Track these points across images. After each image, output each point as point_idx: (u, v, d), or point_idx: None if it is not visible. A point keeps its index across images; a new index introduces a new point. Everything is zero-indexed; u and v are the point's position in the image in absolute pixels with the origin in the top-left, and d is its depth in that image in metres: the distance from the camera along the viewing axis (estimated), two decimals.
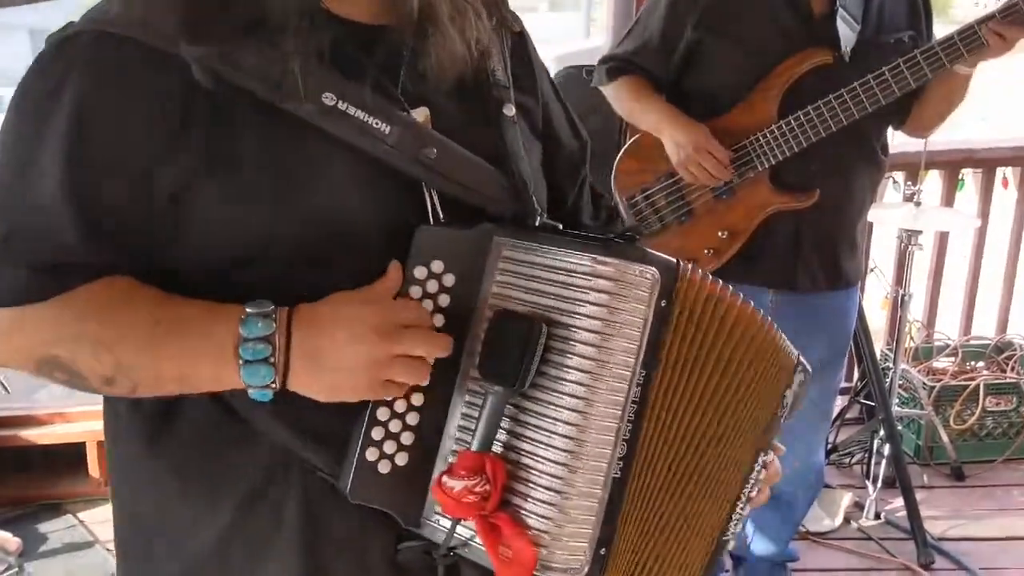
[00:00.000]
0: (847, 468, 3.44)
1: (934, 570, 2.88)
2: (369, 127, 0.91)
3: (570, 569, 0.91)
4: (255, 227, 0.91)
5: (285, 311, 0.89)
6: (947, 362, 3.58)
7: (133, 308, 0.91)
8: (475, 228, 0.97)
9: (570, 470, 0.90)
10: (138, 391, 0.93)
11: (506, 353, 0.90)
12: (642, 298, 0.92)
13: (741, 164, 2.23)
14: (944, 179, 3.61)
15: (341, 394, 0.91)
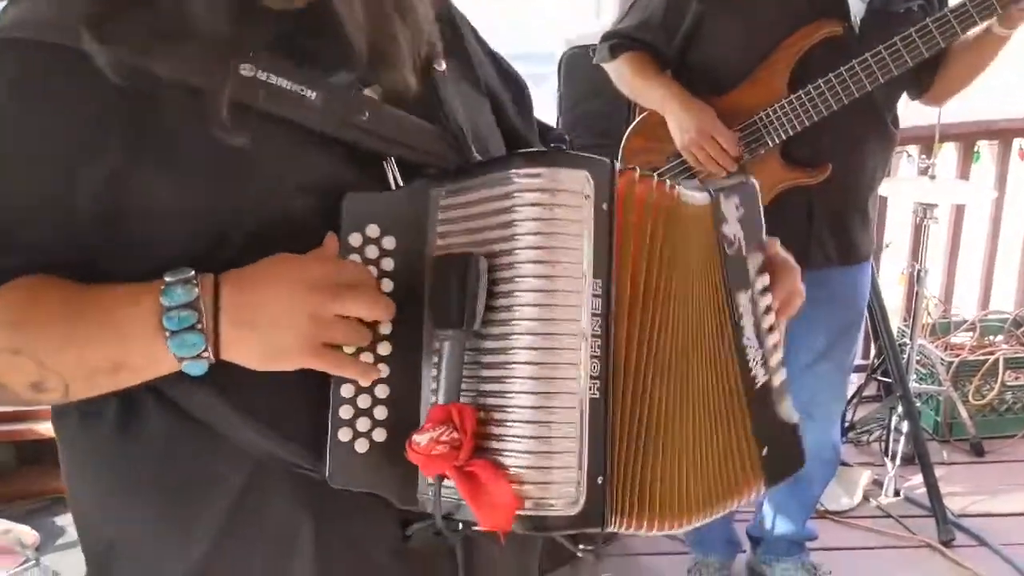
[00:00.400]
0: (865, 446, 3.41)
1: (954, 547, 2.85)
2: (292, 94, 0.86)
3: (566, 503, 0.85)
4: (202, 213, 0.86)
5: (210, 276, 0.84)
6: (965, 337, 3.54)
7: (47, 304, 0.85)
8: (407, 186, 0.92)
9: (541, 399, 0.85)
10: (72, 392, 0.86)
11: (446, 294, 0.86)
12: (579, 203, 0.86)
13: (751, 141, 2.19)
14: (959, 151, 3.57)
15: (278, 358, 0.85)
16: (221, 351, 0.84)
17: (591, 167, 0.87)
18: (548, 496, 0.85)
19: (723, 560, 2.66)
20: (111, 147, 0.84)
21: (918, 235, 3.21)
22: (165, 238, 0.87)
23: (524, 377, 0.85)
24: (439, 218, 0.91)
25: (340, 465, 0.89)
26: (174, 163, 0.85)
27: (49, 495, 3.22)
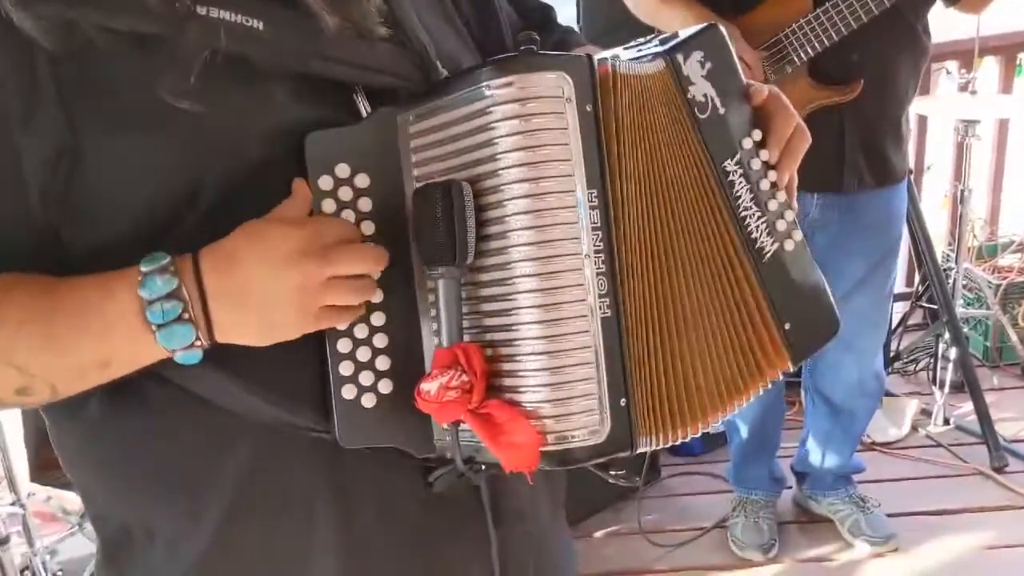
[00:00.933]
0: (912, 375, 3.34)
1: (1008, 473, 2.79)
2: (237, 27, 0.77)
3: (590, 432, 0.80)
4: (161, 176, 0.79)
5: (188, 259, 0.77)
6: (1013, 259, 3.44)
7: (19, 308, 0.78)
8: (371, 116, 0.84)
9: (550, 326, 0.79)
10: (61, 392, 0.81)
11: (432, 228, 0.79)
12: (559, 108, 0.79)
13: (778, 60, 2.11)
14: (1001, 65, 3.43)
15: (278, 333, 0.79)
16: (217, 335, 0.79)
17: (567, 67, 0.80)
18: (571, 427, 0.79)
19: (768, 497, 2.62)
20: (52, 117, 0.76)
21: (960, 154, 3.10)
22: (125, 206, 0.80)
23: (529, 306, 0.79)
24: (411, 146, 0.84)
25: (349, 424, 0.83)
26: (123, 127, 0.77)
27: None
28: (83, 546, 2.60)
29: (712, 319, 0.91)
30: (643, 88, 0.87)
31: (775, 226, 0.95)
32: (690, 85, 0.91)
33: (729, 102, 0.93)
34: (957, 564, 2.47)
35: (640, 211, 0.86)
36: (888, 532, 2.53)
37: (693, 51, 0.92)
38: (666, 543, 2.59)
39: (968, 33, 2.96)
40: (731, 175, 0.93)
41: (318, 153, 0.82)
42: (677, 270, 0.89)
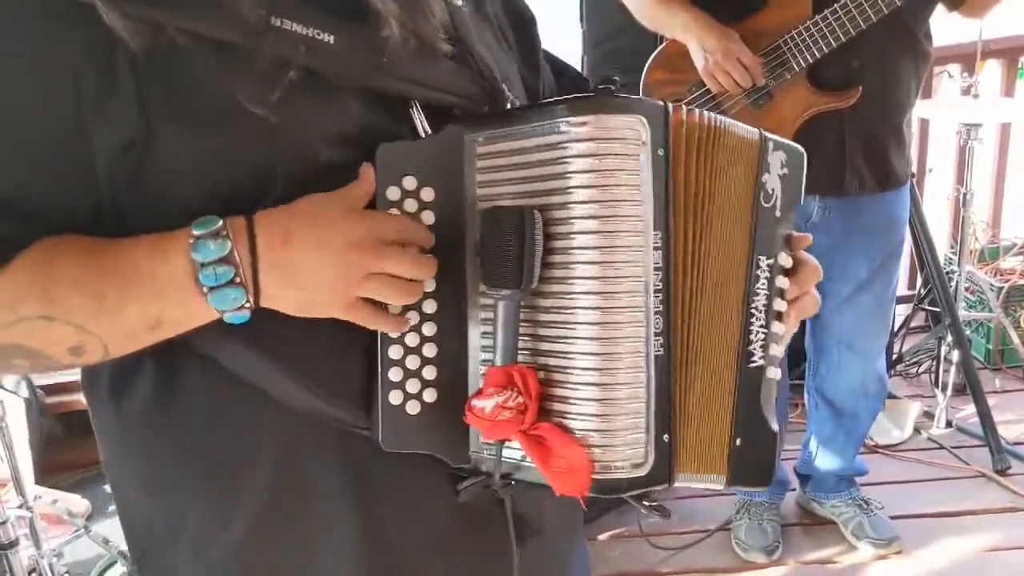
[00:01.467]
0: (915, 378, 3.35)
1: (1010, 475, 2.79)
2: (310, 40, 0.80)
3: (634, 464, 0.82)
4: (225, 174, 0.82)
5: (241, 224, 0.79)
6: (1015, 261, 3.44)
7: (76, 267, 0.80)
8: (440, 133, 0.87)
9: (604, 359, 0.81)
10: (112, 352, 0.83)
11: (502, 252, 0.81)
12: (634, 150, 0.81)
13: (776, 66, 2.11)
14: (1003, 68, 3.43)
15: (313, 310, 0.82)
16: (261, 301, 0.81)
17: (644, 111, 0.82)
18: (615, 459, 0.81)
19: (772, 499, 2.63)
20: (127, 109, 0.79)
21: (963, 157, 3.10)
22: (192, 197, 0.82)
23: (587, 338, 0.81)
24: (477, 166, 0.87)
25: (393, 428, 0.86)
26: (196, 122, 0.80)
27: (98, 464, 3.26)
28: (89, 548, 2.60)
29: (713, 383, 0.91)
30: (723, 141, 0.89)
31: (768, 347, 0.95)
32: (766, 172, 0.93)
33: (784, 213, 0.95)
34: (960, 566, 2.47)
35: (686, 258, 0.87)
36: (891, 534, 2.53)
37: (780, 149, 0.94)
38: (670, 546, 2.60)
39: (970, 36, 2.97)
40: (760, 271, 0.93)
41: (388, 163, 0.85)
42: (707, 321, 0.90)
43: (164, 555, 0.95)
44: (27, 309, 0.79)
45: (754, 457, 0.94)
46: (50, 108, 0.79)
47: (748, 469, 0.94)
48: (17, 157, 0.80)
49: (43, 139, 0.80)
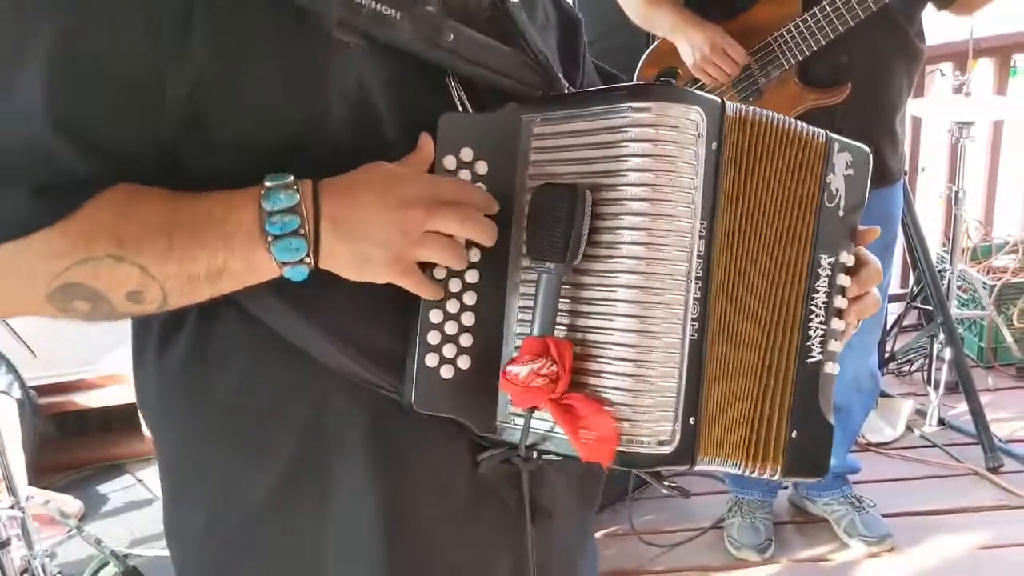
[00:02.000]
0: (907, 376, 3.35)
1: (1003, 473, 2.80)
2: (381, 14, 0.85)
3: (660, 441, 0.85)
4: (274, 120, 0.86)
5: (309, 181, 0.83)
6: (1008, 260, 3.45)
7: (146, 211, 0.83)
8: (501, 109, 0.91)
9: (641, 336, 0.84)
10: (169, 301, 0.85)
11: (551, 226, 0.84)
12: (689, 142, 0.84)
13: (766, 63, 2.12)
14: (995, 67, 3.44)
15: (368, 271, 0.85)
16: (320, 258, 0.83)
17: (703, 104, 0.85)
18: (642, 433, 0.84)
19: (764, 497, 2.63)
20: (197, 55, 0.82)
21: (955, 156, 3.11)
22: (245, 142, 0.86)
23: (626, 315, 0.84)
24: (532, 145, 0.90)
25: (426, 390, 0.89)
26: (257, 70, 0.84)
27: (91, 465, 3.26)
28: (81, 549, 2.61)
29: (756, 381, 0.94)
30: (786, 140, 0.92)
31: (827, 343, 0.97)
32: (831, 173, 0.96)
33: (848, 213, 0.97)
34: (952, 564, 2.48)
35: (732, 250, 0.89)
36: (884, 532, 2.54)
37: (846, 150, 0.97)
38: (663, 543, 2.60)
39: (962, 35, 2.97)
40: (821, 269, 0.96)
41: (448, 133, 0.89)
42: (745, 318, 0.92)
43: (190, 506, 0.99)
44: (98, 247, 0.81)
45: (809, 449, 0.97)
46: (135, 52, 0.81)
47: (803, 461, 0.97)
48: (103, 98, 0.82)
49: (126, 82, 0.82)
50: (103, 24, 0.81)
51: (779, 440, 0.95)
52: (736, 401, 0.92)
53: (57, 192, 0.81)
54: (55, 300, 0.83)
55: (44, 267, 0.81)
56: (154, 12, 0.81)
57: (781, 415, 0.95)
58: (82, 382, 3.40)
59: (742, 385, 0.93)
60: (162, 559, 2.70)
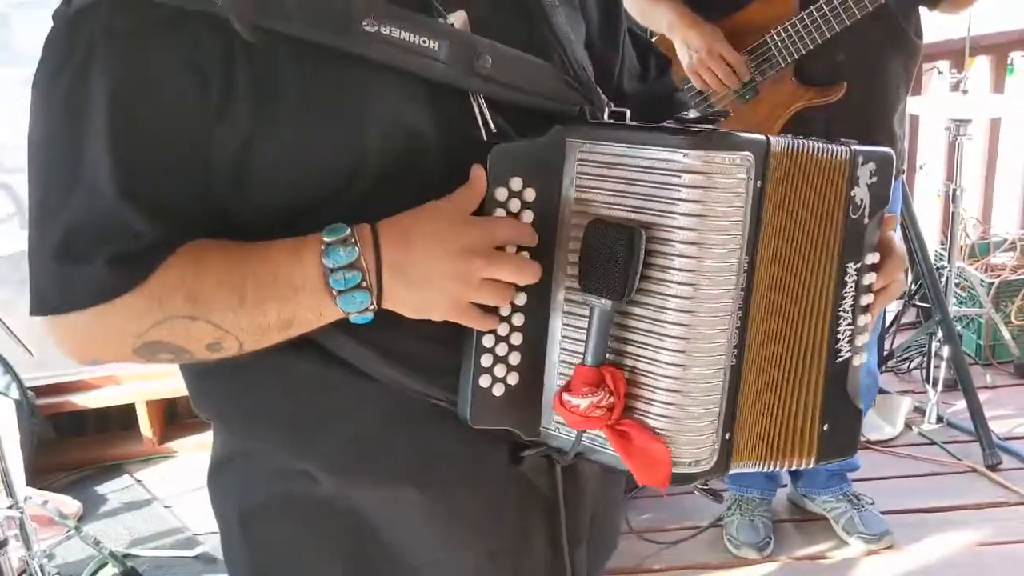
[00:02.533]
0: (906, 374, 3.35)
1: (1001, 470, 2.80)
2: (416, 47, 0.88)
3: (698, 462, 0.92)
4: (318, 170, 0.90)
5: (367, 229, 0.87)
6: (1006, 257, 3.45)
7: (216, 274, 0.88)
8: (546, 135, 0.94)
9: (686, 369, 0.89)
10: (246, 348, 0.91)
11: (608, 265, 0.88)
12: (738, 186, 0.89)
13: (762, 62, 2.12)
14: (992, 65, 3.44)
15: (428, 312, 0.90)
16: (383, 302, 0.88)
17: (751, 147, 0.89)
18: (684, 454, 0.91)
19: (763, 495, 2.63)
20: (242, 110, 0.86)
21: (952, 153, 3.11)
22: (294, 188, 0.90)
23: (673, 349, 0.89)
24: (577, 171, 0.93)
25: (480, 408, 0.95)
26: (298, 117, 0.88)
27: (90, 466, 3.26)
28: (80, 549, 2.60)
29: (785, 387, 1.00)
30: (811, 164, 0.95)
31: (855, 339, 1.03)
32: (856, 187, 1.00)
33: (872, 218, 1.02)
34: (951, 561, 2.48)
35: (776, 274, 0.95)
36: (883, 529, 2.54)
37: (870, 160, 1.01)
38: (662, 541, 2.60)
39: (960, 32, 2.97)
40: (847, 276, 1.01)
41: (499, 164, 0.92)
42: (778, 335, 0.97)
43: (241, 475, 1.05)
44: (173, 309, 0.87)
45: (840, 436, 1.04)
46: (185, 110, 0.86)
47: (834, 447, 1.04)
48: (160, 160, 0.87)
49: (179, 141, 0.87)
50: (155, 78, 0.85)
51: (812, 434, 1.01)
52: (767, 408, 0.98)
53: (131, 260, 0.87)
54: (141, 354, 0.90)
55: (127, 329, 0.89)
56: (199, 63, 0.84)
57: (814, 413, 1.01)
58: (80, 383, 3.39)
59: (773, 392, 0.98)
60: (160, 559, 2.71)
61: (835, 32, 2.03)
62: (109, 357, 0.94)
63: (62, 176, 0.87)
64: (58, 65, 0.86)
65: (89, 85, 0.84)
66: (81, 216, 0.86)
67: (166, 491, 3.11)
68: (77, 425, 3.45)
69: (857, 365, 1.04)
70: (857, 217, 1.00)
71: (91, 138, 0.85)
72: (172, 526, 2.90)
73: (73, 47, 0.85)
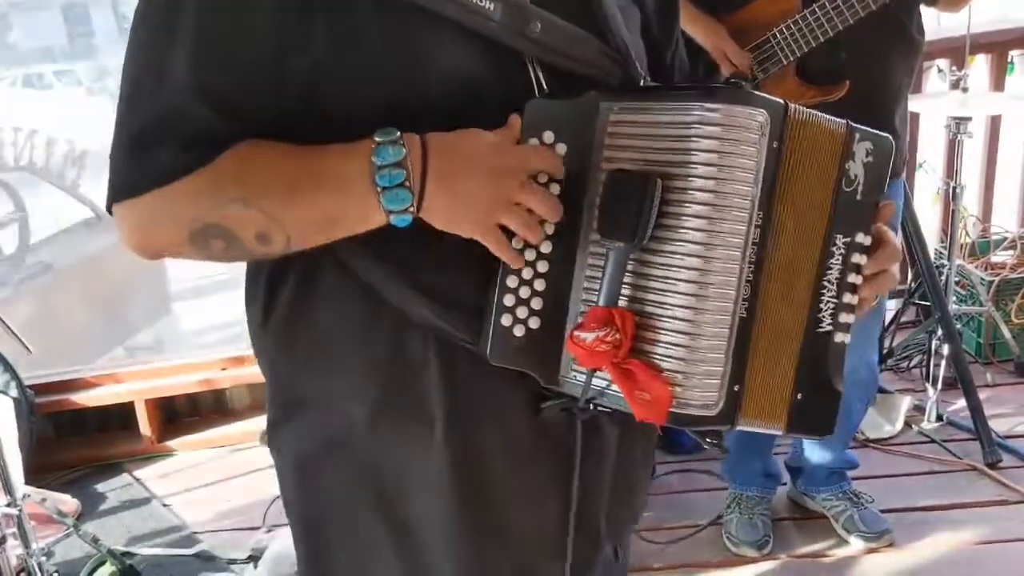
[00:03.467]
0: (905, 372, 3.35)
1: (1001, 468, 2.79)
2: (474, 5, 0.95)
3: (706, 405, 0.95)
4: (379, 104, 0.96)
5: (417, 137, 0.93)
6: (1006, 256, 3.45)
7: (272, 164, 0.96)
8: (582, 96, 0.99)
9: (696, 313, 0.93)
10: (293, 244, 0.97)
11: (623, 209, 0.93)
12: (753, 141, 0.93)
13: (764, 59, 2.11)
14: (992, 63, 3.44)
15: (458, 224, 0.96)
16: (422, 207, 0.94)
17: (768, 107, 0.93)
18: (692, 397, 0.95)
19: (763, 493, 2.63)
20: (318, 36, 0.94)
21: (952, 151, 3.10)
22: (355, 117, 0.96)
23: (684, 293, 0.94)
24: (608, 131, 0.99)
25: (499, 345, 1.01)
26: (366, 54, 0.96)
27: (88, 464, 3.26)
28: (78, 548, 2.60)
29: (777, 347, 1.02)
30: (818, 135, 1.00)
31: (838, 316, 1.05)
32: (851, 160, 1.04)
33: (866, 197, 1.06)
34: (951, 559, 2.47)
35: (784, 241, 0.99)
36: (882, 527, 2.54)
37: (867, 140, 1.05)
38: (662, 540, 2.60)
39: (960, 30, 2.97)
40: (835, 248, 1.04)
41: (533, 116, 0.98)
42: (780, 295, 1.01)
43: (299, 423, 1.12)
44: (229, 193, 0.95)
45: (814, 411, 1.06)
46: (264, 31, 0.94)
47: (807, 421, 1.06)
48: (236, 72, 0.95)
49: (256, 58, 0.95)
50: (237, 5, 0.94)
51: (783, 400, 1.04)
52: (769, 369, 1.02)
53: (197, 146, 0.95)
54: (196, 240, 0.97)
55: (185, 211, 0.96)
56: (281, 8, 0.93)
57: (787, 378, 1.04)
58: (79, 381, 3.40)
59: (771, 353, 1.02)
60: (159, 557, 2.70)
61: (838, 30, 2.03)
62: (168, 242, 1.00)
63: (150, 73, 0.96)
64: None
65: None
66: (159, 111, 0.95)
67: (164, 489, 3.11)
68: (76, 424, 3.44)
69: (839, 343, 1.06)
70: (850, 191, 1.04)
71: (177, 44, 0.94)
72: (171, 524, 2.90)
73: None
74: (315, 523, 1.16)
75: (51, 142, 5.19)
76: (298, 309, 1.07)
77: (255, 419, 3.36)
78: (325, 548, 1.16)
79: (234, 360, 3.39)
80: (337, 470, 1.11)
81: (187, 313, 5.75)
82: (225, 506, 2.99)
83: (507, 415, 1.07)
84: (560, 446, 1.10)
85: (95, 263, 5.13)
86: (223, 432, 3.38)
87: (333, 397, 1.09)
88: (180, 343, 5.60)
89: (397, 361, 1.04)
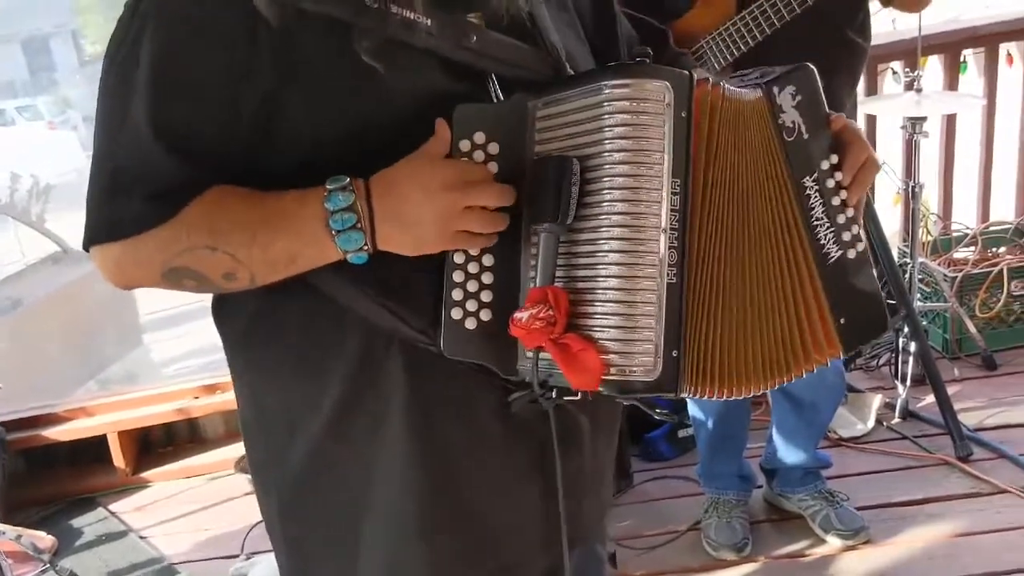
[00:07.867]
0: (875, 371, 3.38)
1: (972, 461, 2.82)
2: (412, 21, 0.99)
3: (645, 371, 0.98)
4: (338, 126, 1.01)
5: (360, 182, 1.00)
6: (967, 252, 3.50)
7: (235, 211, 1.02)
8: (509, 99, 1.05)
9: (623, 282, 0.97)
10: (256, 280, 1.05)
11: (545, 192, 0.98)
12: (660, 110, 0.97)
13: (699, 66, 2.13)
14: (944, 63, 3.50)
15: (425, 246, 1.01)
16: (378, 243, 1.01)
17: (672, 78, 0.98)
18: (630, 364, 0.98)
19: (739, 496, 2.64)
20: (264, 71, 0.99)
21: (910, 151, 3.15)
22: (308, 146, 1.03)
23: (611, 263, 0.98)
24: (536, 127, 1.04)
25: (452, 339, 1.04)
26: (315, 85, 1.01)
27: (63, 499, 3.23)
28: None
29: (772, 307, 1.09)
30: (739, 110, 1.06)
31: (841, 236, 1.12)
32: (781, 113, 1.10)
33: (813, 129, 1.11)
34: (928, 553, 2.50)
35: (720, 210, 1.04)
36: (858, 525, 2.56)
37: (787, 85, 1.11)
38: (641, 547, 2.60)
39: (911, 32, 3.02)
40: (808, 190, 1.11)
41: (463, 120, 1.02)
42: (745, 263, 1.07)
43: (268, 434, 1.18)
44: (196, 241, 1.02)
45: (863, 321, 1.14)
46: (216, 66, 0.99)
47: (860, 332, 1.14)
48: (192, 109, 1.01)
49: (212, 95, 1.00)
50: (190, 41, 0.99)
51: (828, 332, 1.11)
52: (758, 332, 1.07)
53: (164, 197, 1.01)
54: (168, 279, 1.05)
55: (157, 256, 1.03)
56: (227, 30, 0.98)
57: (822, 316, 1.11)
58: (50, 416, 3.36)
59: (766, 317, 1.07)
60: None
61: (765, 34, 2.02)
62: (143, 279, 1.08)
63: (113, 128, 1.03)
64: (119, 39, 1.02)
65: (140, 50, 1.00)
66: (125, 160, 1.02)
67: (141, 522, 3.08)
68: (49, 459, 3.41)
69: (854, 257, 1.13)
70: (794, 139, 1.09)
71: (136, 94, 1.00)
72: (149, 556, 2.88)
73: (131, 24, 1.01)
74: (298, 541, 1.20)
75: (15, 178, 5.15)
76: (261, 322, 1.13)
77: (230, 447, 3.33)
78: (310, 562, 1.20)
79: (207, 388, 3.37)
80: (314, 483, 1.15)
81: (158, 344, 5.71)
82: (203, 536, 2.96)
83: (476, 410, 1.11)
84: (535, 438, 1.12)
85: (64, 297, 5.10)
86: (198, 461, 3.35)
87: (298, 405, 1.13)
88: (153, 374, 5.57)
89: (360, 362, 1.08)
